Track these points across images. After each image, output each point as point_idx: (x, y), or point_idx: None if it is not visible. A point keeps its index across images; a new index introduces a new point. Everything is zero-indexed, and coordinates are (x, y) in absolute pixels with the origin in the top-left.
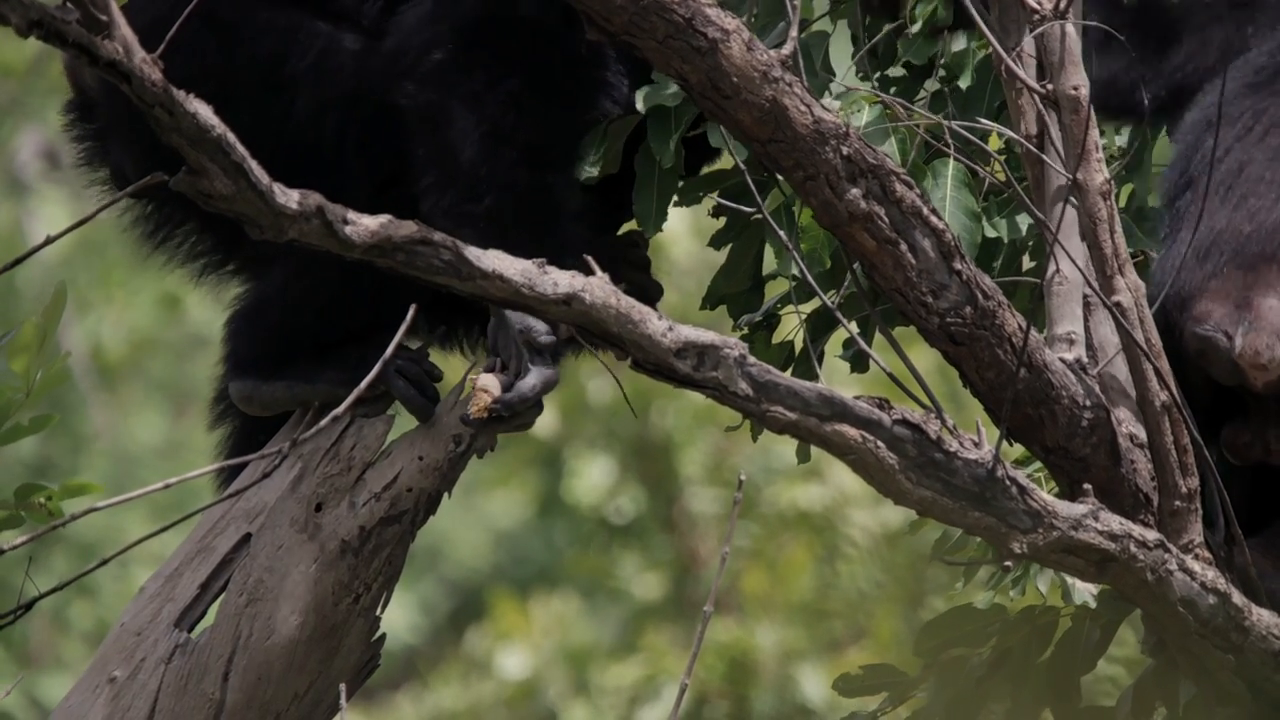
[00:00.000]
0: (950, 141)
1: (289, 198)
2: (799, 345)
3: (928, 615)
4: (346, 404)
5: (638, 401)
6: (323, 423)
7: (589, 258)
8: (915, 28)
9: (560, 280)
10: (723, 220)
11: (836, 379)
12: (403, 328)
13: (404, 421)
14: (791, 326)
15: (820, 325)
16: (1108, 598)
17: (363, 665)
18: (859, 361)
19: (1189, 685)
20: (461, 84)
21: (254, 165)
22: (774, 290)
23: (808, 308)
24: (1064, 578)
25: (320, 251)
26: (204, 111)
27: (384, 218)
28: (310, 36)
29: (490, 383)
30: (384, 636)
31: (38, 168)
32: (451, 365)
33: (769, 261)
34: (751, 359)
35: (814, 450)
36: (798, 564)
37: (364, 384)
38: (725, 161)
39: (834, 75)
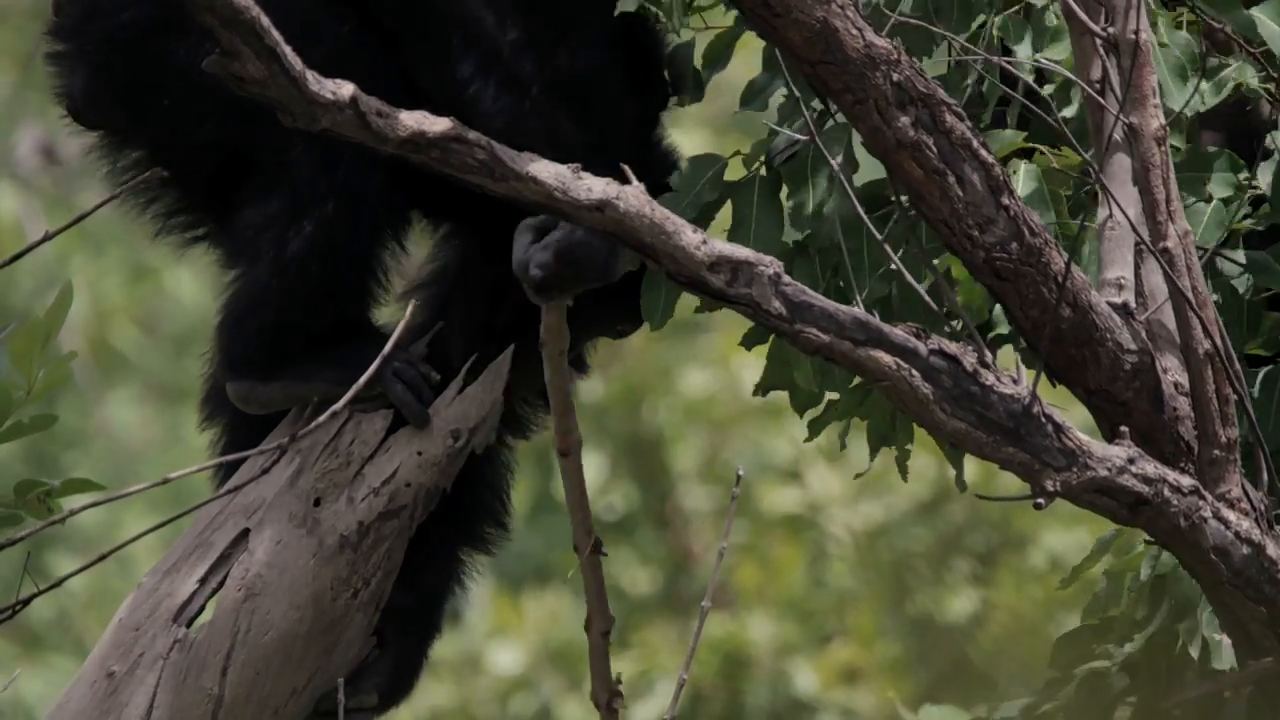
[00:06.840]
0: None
1: (323, 86)
2: None
3: (912, 611)
4: (345, 399)
5: (629, 397)
6: (321, 418)
7: (624, 166)
8: None
9: (594, 186)
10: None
11: None
12: (399, 328)
13: (402, 417)
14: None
15: None
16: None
17: (361, 660)
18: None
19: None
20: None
21: (287, 50)
22: None
23: None
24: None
25: (302, 240)
26: None
27: (419, 113)
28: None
29: None
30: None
31: (36, 163)
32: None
33: None
34: (787, 278)
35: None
36: (790, 559)
37: (361, 381)
38: None
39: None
